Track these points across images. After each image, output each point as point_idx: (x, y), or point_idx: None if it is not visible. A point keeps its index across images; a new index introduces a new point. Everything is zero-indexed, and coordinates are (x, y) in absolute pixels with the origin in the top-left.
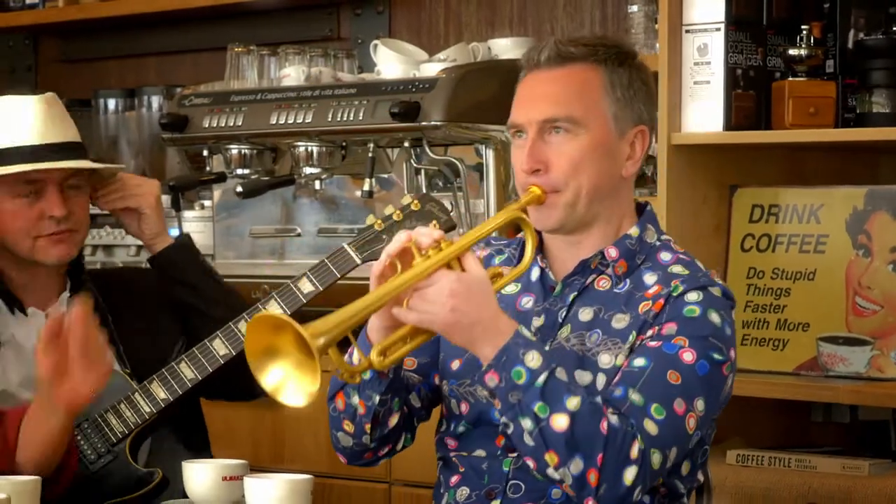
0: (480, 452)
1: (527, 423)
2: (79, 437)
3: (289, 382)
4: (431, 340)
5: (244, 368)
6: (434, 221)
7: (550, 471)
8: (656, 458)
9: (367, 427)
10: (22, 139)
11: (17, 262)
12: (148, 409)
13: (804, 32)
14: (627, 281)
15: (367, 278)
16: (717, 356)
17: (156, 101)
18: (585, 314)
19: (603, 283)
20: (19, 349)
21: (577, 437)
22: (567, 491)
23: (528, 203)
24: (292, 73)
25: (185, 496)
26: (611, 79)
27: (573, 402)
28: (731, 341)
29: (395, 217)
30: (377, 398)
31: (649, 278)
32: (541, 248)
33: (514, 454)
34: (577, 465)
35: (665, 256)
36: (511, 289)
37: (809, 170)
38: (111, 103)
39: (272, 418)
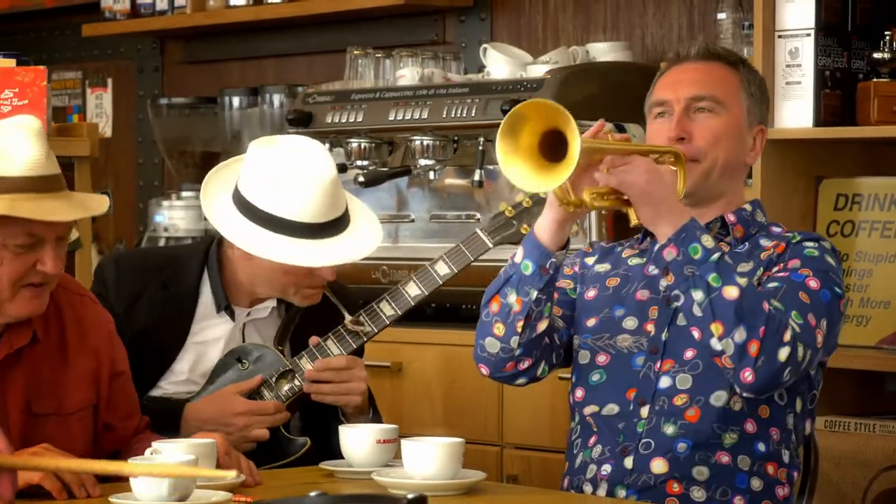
0: (613, 407)
1: (698, 295)
2: None
3: (524, 169)
4: (569, 300)
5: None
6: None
7: (714, 341)
8: (801, 350)
9: (519, 325)
10: (306, 215)
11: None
12: (298, 383)
13: (887, 38)
14: (746, 244)
15: (499, 260)
16: (836, 289)
17: (277, 98)
18: None
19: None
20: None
21: (745, 308)
22: (725, 363)
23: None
24: (407, 74)
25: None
26: (747, 78)
27: (742, 280)
28: (843, 285)
29: (524, 204)
30: (535, 294)
31: (765, 241)
32: None
33: (646, 407)
34: (740, 335)
35: (776, 230)
36: (638, 260)
37: (888, 162)
38: (235, 101)
39: (390, 386)
